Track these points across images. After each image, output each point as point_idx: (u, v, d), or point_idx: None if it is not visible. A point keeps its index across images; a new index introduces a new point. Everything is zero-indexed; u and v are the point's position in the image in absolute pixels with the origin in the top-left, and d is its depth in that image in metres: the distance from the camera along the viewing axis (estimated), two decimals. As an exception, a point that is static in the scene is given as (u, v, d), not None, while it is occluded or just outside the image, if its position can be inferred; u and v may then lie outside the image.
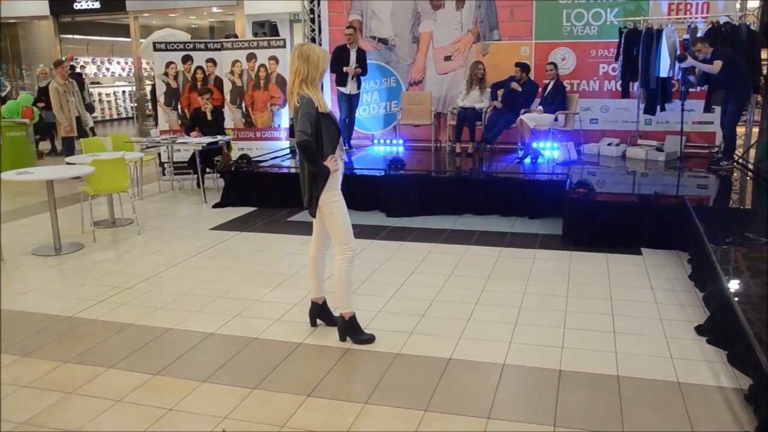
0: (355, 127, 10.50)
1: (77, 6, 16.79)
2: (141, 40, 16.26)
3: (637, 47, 9.02)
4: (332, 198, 4.01)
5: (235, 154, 9.46)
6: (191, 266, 5.92)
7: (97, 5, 16.56)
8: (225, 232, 7.12)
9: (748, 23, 8.82)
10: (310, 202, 4.03)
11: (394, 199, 7.79)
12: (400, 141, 10.65)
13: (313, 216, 4.14)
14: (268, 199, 8.29)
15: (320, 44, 11.07)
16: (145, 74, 17.35)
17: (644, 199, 6.82)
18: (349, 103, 9.93)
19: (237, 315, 4.71)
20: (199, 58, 10.17)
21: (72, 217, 7.81)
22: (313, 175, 3.95)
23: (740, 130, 9.03)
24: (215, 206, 8.39)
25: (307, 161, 3.90)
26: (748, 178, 7.96)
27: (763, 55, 8.93)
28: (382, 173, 8.09)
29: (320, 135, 3.89)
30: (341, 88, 9.84)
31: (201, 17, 18.34)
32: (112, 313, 4.80)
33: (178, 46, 10.19)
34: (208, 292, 5.22)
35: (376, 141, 11.03)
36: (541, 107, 9.20)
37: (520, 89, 9.29)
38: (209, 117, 9.30)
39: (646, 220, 6.27)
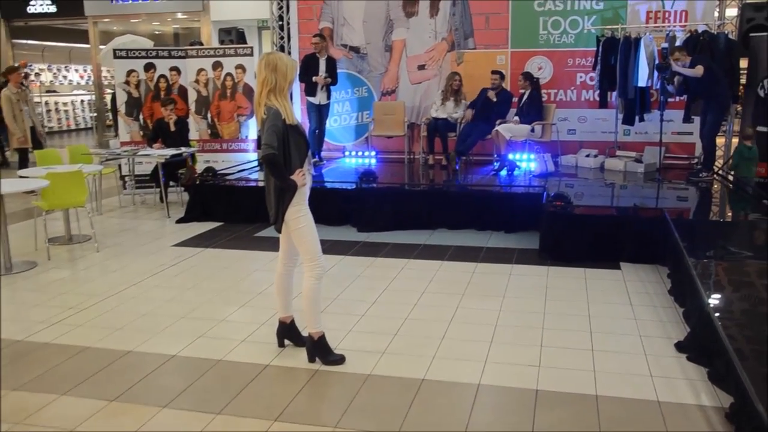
0: (325, 139, 10.50)
1: (31, 9, 16.57)
2: (101, 47, 16.12)
3: (615, 56, 9.17)
4: (299, 213, 4.01)
5: (200, 167, 9.41)
6: (153, 285, 5.86)
7: (53, 9, 16.38)
8: (189, 249, 7.06)
9: (726, 32, 9.03)
10: (277, 218, 4.02)
11: (365, 214, 7.79)
12: (372, 153, 10.66)
13: (280, 232, 4.12)
14: (235, 213, 8.25)
15: (289, 53, 11.08)
16: (105, 83, 17.19)
17: (623, 212, 6.90)
18: (319, 113, 9.91)
19: (201, 336, 4.67)
20: (163, 66, 10.12)
21: (25, 234, 7.69)
22: (280, 190, 3.95)
23: (720, 140, 9.19)
24: (179, 221, 8.33)
25: (273, 175, 3.90)
26: (728, 189, 8.11)
27: (742, 64, 9.14)
28: (354, 186, 8.09)
29: (288, 148, 3.89)
30: (310, 98, 9.83)
31: (165, 23, 18.23)
32: (66, 336, 4.73)
33: (140, 53, 10.12)
34: (171, 311, 5.17)
35: (347, 153, 11.03)
36: (517, 117, 9.29)
37: (495, 99, 9.37)
38: (173, 128, 9.24)
39: (625, 234, 6.35)
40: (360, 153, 10.90)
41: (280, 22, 11.31)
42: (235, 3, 14.03)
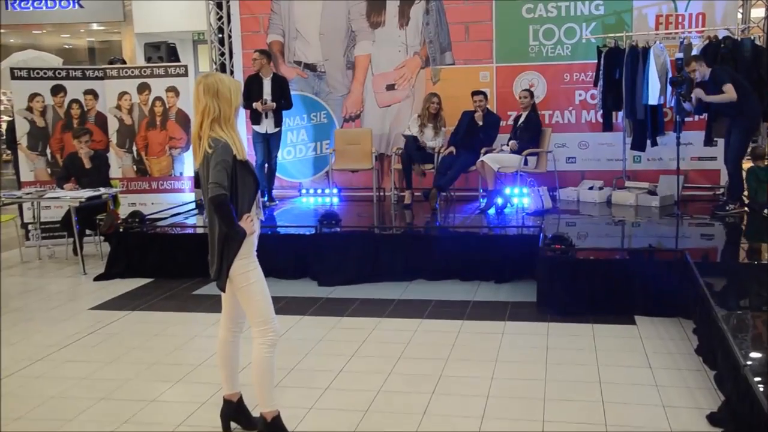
0: (276, 175, 10.52)
1: None
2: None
3: (620, 69, 9.34)
4: (247, 267, 3.99)
5: (123, 212, 9.33)
6: (65, 359, 5.75)
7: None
8: (111, 312, 6.98)
9: (752, 37, 9.18)
10: (219, 273, 4.00)
11: (327, 264, 7.77)
12: (334, 190, 10.69)
13: (223, 290, 4.10)
14: (168, 267, 8.20)
15: (232, 72, 11.13)
16: (2, 108, 17.05)
17: (636, 255, 6.94)
18: (267, 144, 9.94)
19: (126, 421, 4.58)
20: (75, 88, 10.10)
21: None
22: (225, 239, 3.94)
23: (747, 164, 9.22)
24: (98, 279, 8.25)
25: (221, 221, 3.90)
26: (762, 223, 8.17)
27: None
28: (312, 231, 8.09)
29: (236, 188, 3.91)
30: (256, 127, 9.86)
31: (77, 36, 18.18)
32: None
33: (45, 73, 10.10)
34: (88, 392, 5.07)
35: (303, 191, 11.04)
36: (513, 141, 9.38)
37: (480, 123, 9.47)
38: (89, 164, 9.19)
39: (639, 282, 6.38)
40: (319, 191, 10.91)
41: (220, 35, 11.40)
42: (164, 12, 14.03)
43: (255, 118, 9.82)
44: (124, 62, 12.11)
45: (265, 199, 10.00)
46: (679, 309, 6.19)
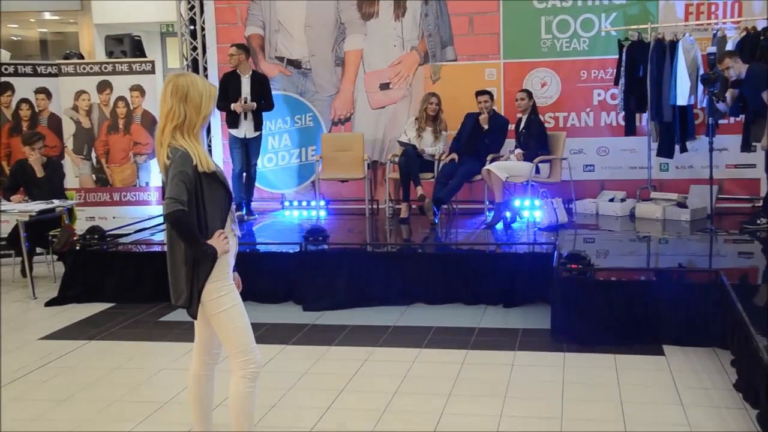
0: (256, 185, 10.51)
1: None
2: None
3: (644, 66, 9.37)
4: (221, 290, 3.96)
5: (80, 227, 9.35)
6: (9, 398, 5.70)
7: None
8: (65, 343, 6.93)
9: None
10: (190, 299, 3.95)
11: (313, 286, 7.77)
12: (321, 203, 10.68)
13: (195, 317, 4.06)
14: (132, 290, 8.18)
15: (205, 69, 11.14)
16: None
17: (664, 275, 6.92)
18: (246, 151, 9.94)
19: (80, 467, 4.54)
20: (25, 87, 10.09)
21: None
22: (194, 260, 3.91)
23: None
24: (50, 304, 8.20)
25: (182, 241, 3.87)
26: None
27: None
28: (297, 249, 8.08)
29: (201, 202, 3.88)
30: (233, 131, 9.84)
31: (27, 27, 18.11)
32: None
33: (-10, 69, 10.11)
34: (37, 433, 5.03)
35: (287, 203, 11.04)
36: (519, 150, 9.40)
37: (486, 126, 9.48)
38: (41, 173, 9.15)
39: (668, 306, 6.35)
40: (304, 203, 10.90)
41: (192, 28, 11.40)
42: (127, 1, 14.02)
43: (232, 121, 9.79)
44: (82, 57, 12.06)
45: (243, 212, 9.99)
46: (715, 338, 6.15)
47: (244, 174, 9.99)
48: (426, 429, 4.87)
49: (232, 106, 9.64)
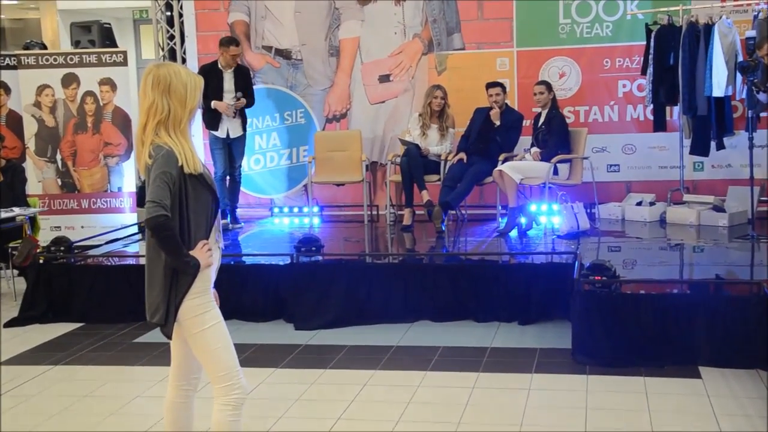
0: (241, 189, 10.49)
1: None
2: None
3: (675, 53, 9.30)
4: (202, 308, 3.93)
5: (44, 238, 9.33)
6: (-32, 428, 5.66)
7: None
8: (26, 368, 6.88)
9: None
10: (166, 316, 3.90)
11: (307, 302, 7.73)
12: (315, 209, 10.68)
13: (170, 337, 4.00)
14: (102, 308, 8.14)
15: (184, 60, 11.13)
16: None
17: (699, 288, 6.90)
18: (229, 152, 9.90)
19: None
20: (-20, 82, 10.08)
21: None
22: (173, 273, 3.87)
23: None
24: (10, 324, 8.15)
25: (163, 250, 3.83)
26: None
27: None
28: (287, 261, 8.03)
29: (185, 208, 3.85)
30: (214, 132, 9.76)
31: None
32: None
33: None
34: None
35: (276, 210, 11.02)
36: (535, 149, 9.36)
37: (498, 123, 9.45)
38: (-1, 178, 9.15)
39: (704, 323, 6.30)
40: (296, 209, 10.88)
41: (169, 14, 11.38)
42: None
43: (211, 121, 9.71)
44: (45, 47, 12.08)
45: (228, 220, 9.98)
46: (757, 358, 6.09)
47: (228, 178, 9.95)
48: (433, 461, 4.83)
49: (213, 104, 9.56)
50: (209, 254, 3.90)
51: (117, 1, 13.81)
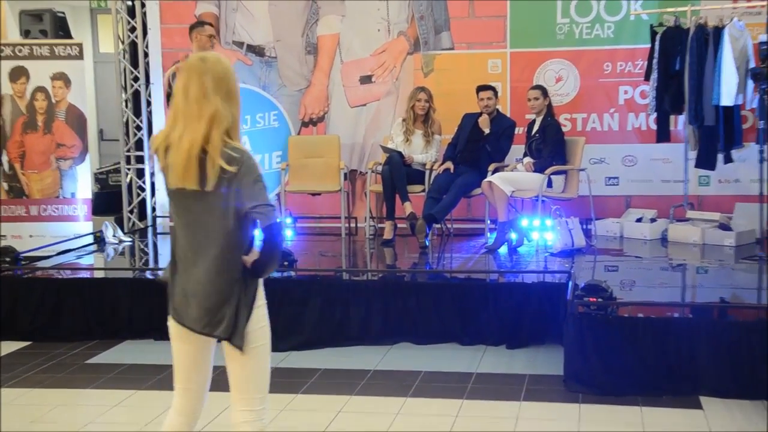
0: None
1: None
2: None
3: (681, 57, 9.32)
4: (266, 318, 3.97)
5: (-10, 247, 9.28)
6: None
7: None
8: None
9: None
10: (235, 325, 3.83)
11: (278, 322, 7.57)
12: (288, 220, 10.65)
13: (242, 348, 3.88)
14: (52, 325, 8.10)
15: (146, 54, 11.06)
16: None
17: (702, 312, 6.93)
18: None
19: None
20: None
21: None
22: (246, 279, 3.87)
23: None
24: (-50, 342, 8.16)
25: (274, 255, 3.88)
26: None
27: None
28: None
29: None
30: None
31: None
32: None
33: None
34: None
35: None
36: (528, 159, 9.41)
37: (488, 130, 9.51)
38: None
39: (707, 349, 6.34)
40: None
41: (129, 3, 11.36)
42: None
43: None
44: (-9, 38, 12.05)
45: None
46: (763, 388, 6.11)
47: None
48: (412, 494, 4.89)
49: None
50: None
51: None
